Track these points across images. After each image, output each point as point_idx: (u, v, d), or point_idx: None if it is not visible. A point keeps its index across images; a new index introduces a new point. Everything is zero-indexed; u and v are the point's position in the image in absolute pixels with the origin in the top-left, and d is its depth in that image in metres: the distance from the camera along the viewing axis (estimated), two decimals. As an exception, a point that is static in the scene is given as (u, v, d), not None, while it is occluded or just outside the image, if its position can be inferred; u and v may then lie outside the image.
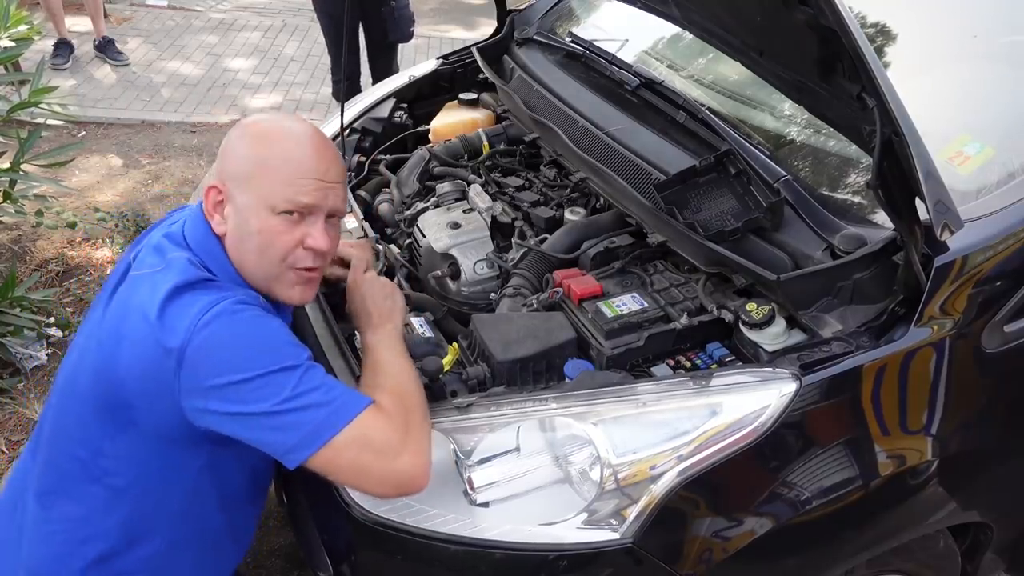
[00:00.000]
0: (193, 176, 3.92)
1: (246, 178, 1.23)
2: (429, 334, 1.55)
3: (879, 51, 1.74)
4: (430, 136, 2.34)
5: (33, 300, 2.65)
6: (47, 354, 2.70)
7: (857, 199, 1.51)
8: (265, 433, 1.14)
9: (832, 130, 1.55)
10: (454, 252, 1.79)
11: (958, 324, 1.34)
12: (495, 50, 2.39)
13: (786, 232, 1.47)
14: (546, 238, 1.78)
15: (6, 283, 2.50)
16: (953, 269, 1.30)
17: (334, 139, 2.17)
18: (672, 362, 1.45)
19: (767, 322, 1.38)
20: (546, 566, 1.24)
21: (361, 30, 3.62)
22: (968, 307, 1.34)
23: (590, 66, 2.09)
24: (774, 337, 1.38)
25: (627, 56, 2.08)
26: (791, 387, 1.25)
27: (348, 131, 2.19)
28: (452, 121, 2.33)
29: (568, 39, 2.23)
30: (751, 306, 1.41)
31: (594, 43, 2.11)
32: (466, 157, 2.18)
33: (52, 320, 2.79)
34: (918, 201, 1.19)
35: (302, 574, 2.05)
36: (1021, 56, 1.70)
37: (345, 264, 1.53)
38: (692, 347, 1.49)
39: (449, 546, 1.25)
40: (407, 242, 1.95)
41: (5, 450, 2.38)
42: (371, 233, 1.87)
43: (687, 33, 1.94)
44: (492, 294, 1.75)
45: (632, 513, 1.23)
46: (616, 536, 1.23)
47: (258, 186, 1.22)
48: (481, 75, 2.41)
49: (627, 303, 1.51)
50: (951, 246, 1.29)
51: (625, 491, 1.23)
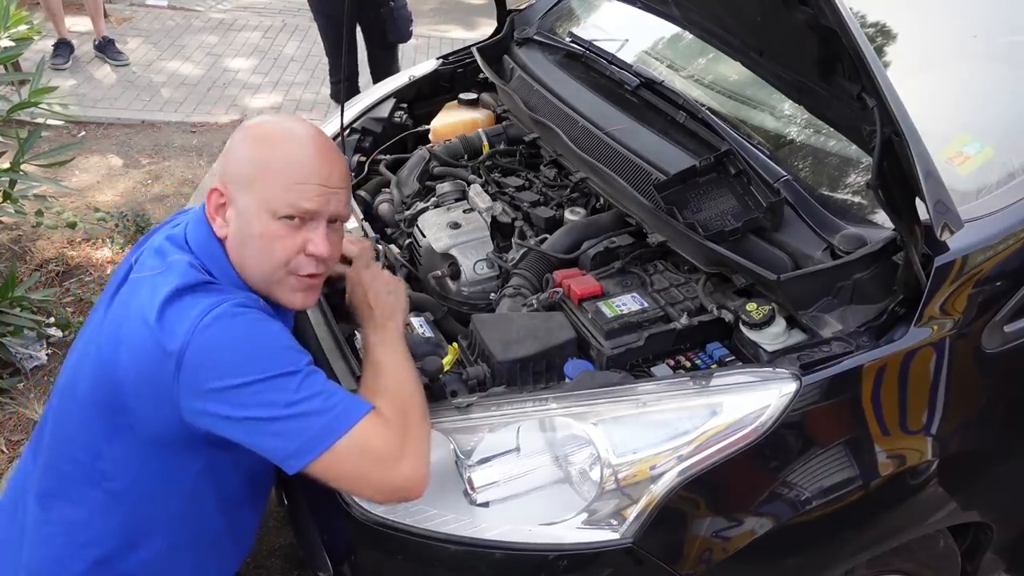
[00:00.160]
0: (193, 176, 3.92)
1: (248, 181, 1.22)
2: (429, 334, 1.55)
3: (879, 51, 1.74)
4: (430, 136, 2.34)
5: (33, 300, 2.65)
6: (47, 354, 2.70)
7: (857, 199, 1.51)
8: (264, 438, 1.14)
9: (832, 130, 1.55)
10: (454, 252, 1.79)
11: (958, 324, 1.34)
12: (495, 50, 2.39)
13: (786, 232, 1.47)
14: (546, 238, 1.78)
15: (6, 283, 2.50)
16: (953, 269, 1.30)
17: (334, 139, 2.17)
18: (672, 362, 1.45)
19: (767, 322, 1.38)
20: (546, 566, 1.24)
21: (360, 31, 3.62)
22: (968, 307, 1.34)
23: (590, 66, 2.09)
24: (774, 337, 1.38)
25: (627, 56, 2.08)
26: (791, 387, 1.25)
27: (348, 131, 2.19)
28: (452, 121, 2.32)
29: (568, 39, 2.23)
30: (751, 306, 1.41)
31: (594, 43, 2.11)
32: (466, 157, 2.18)
33: (52, 320, 2.79)
34: (918, 201, 1.19)
35: (302, 574, 2.04)
36: (1021, 56, 1.70)
37: (347, 261, 1.50)
38: (692, 347, 1.49)
39: (449, 546, 1.25)
40: (407, 242, 1.95)
41: (5, 450, 2.37)
42: (371, 233, 1.87)
43: (687, 33, 1.94)
44: (492, 294, 1.75)
45: (632, 513, 1.23)
46: (616, 536, 1.23)
47: (260, 189, 1.21)
48: (481, 75, 2.41)
49: (627, 303, 1.51)
50: (951, 246, 1.29)
51: (625, 491, 1.23)
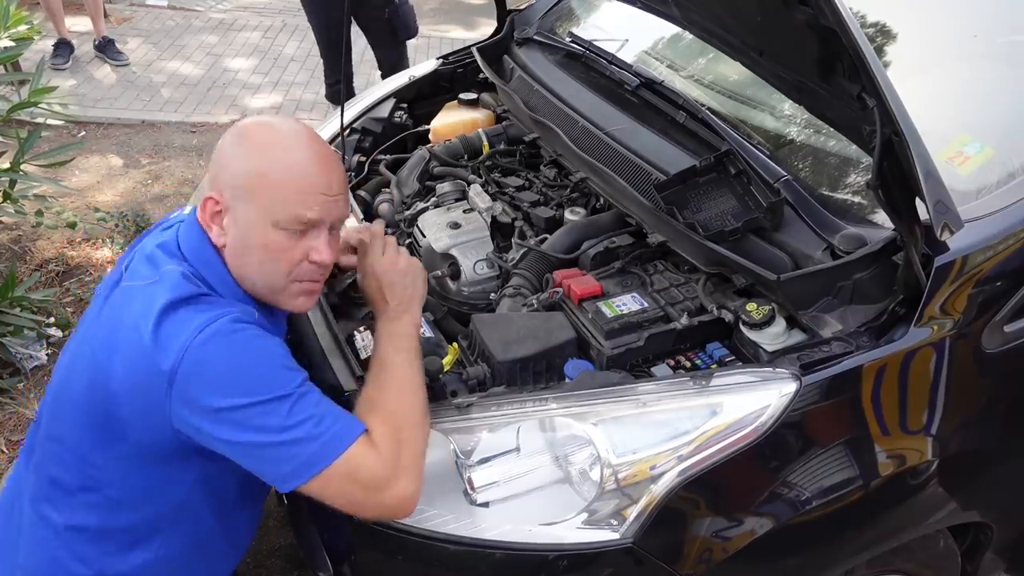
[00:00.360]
0: (193, 176, 3.92)
1: (247, 191, 1.18)
2: (429, 334, 1.55)
3: (879, 51, 1.74)
4: (430, 136, 2.33)
5: (33, 300, 2.65)
6: (47, 354, 2.70)
7: (857, 199, 1.51)
8: (254, 461, 1.14)
9: (832, 130, 1.55)
10: (454, 252, 1.79)
11: (958, 324, 1.34)
12: (495, 50, 2.39)
13: (786, 232, 1.47)
14: (546, 238, 1.78)
15: (6, 283, 2.50)
16: (953, 269, 1.30)
17: (333, 139, 2.18)
18: (672, 362, 1.45)
19: (767, 322, 1.38)
20: (546, 566, 1.24)
21: (360, 32, 3.63)
22: (968, 307, 1.34)
23: (590, 66, 2.09)
24: (774, 337, 1.38)
25: (627, 56, 2.08)
26: (791, 387, 1.25)
27: (348, 131, 2.19)
28: (452, 121, 2.32)
29: (568, 39, 2.23)
30: (751, 306, 1.41)
31: (594, 43, 2.11)
32: (466, 157, 2.18)
33: (52, 320, 2.79)
34: (918, 201, 1.19)
35: (302, 574, 2.04)
36: (1021, 56, 1.70)
37: (354, 250, 1.45)
38: (692, 347, 1.49)
39: (449, 546, 1.25)
40: (407, 242, 1.95)
41: (5, 450, 2.38)
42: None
43: (687, 33, 1.94)
44: (492, 294, 1.75)
45: (632, 513, 1.23)
46: (616, 536, 1.23)
47: (260, 200, 1.18)
48: (481, 75, 2.41)
49: (627, 303, 1.51)
50: (951, 246, 1.29)
51: (625, 491, 1.23)
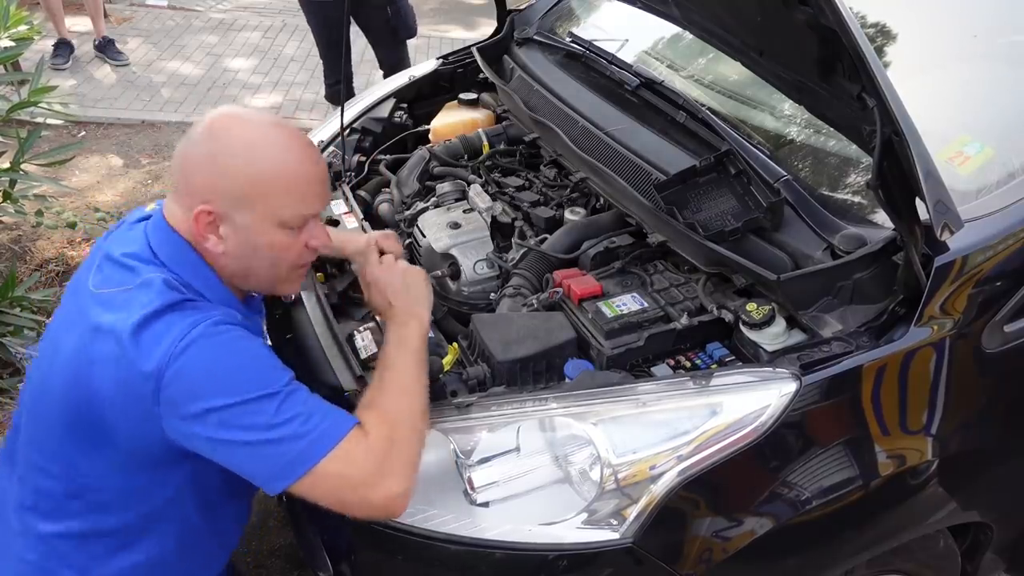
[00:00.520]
0: (193, 176, 3.92)
1: (242, 198, 1.18)
2: (429, 334, 1.55)
3: (879, 51, 1.74)
4: (430, 136, 2.34)
5: (33, 300, 2.65)
6: (47, 354, 2.70)
7: (857, 199, 1.51)
8: (243, 461, 1.13)
9: (832, 130, 1.55)
10: (454, 252, 1.79)
11: (958, 324, 1.34)
12: (495, 50, 2.39)
13: (786, 232, 1.47)
14: (546, 238, 1.78)
15: (6, 283, 2.49)
16: (953, 269, 1.30)
17: (333, 139, 2.18)
18: (672, 362, 1.45)
19: (767, 322, 1.38)
20: (546, 566, 1.24)
21: (360, 32, 3.63)
22: (968, 307, 1.34)
23: (590, 66, 2.09)
24: (774, 337, 1.38)
25: (627, 56, 2.08)
26: (791, 387, 1.25)
27: (348, 131, 2.19)
28: (452, 121, 2.32)
29: (568, 39, 2.23)
30: (751, 306, 1.41)
31: (594, 43, 2.11)
32: (466, 157, 2.18)
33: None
34: (918, 201, 1.19)
35: (302, 574, 2.04)
36: (1021, 56, 1.70)
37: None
38: (692, 347, 1.49)
39: (449, 546, 1.25)
40: (407, 242, 1.95)
41: (5, 450, 2.37)
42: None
43: (687, 33, 1.94)
44: (492, 294, 1.75)
45: (632, 513, 1.23)
46: (616, 536, 1.23)
47: (261, 206, 1.19)
48: (481, 75, 2.41)
49: (627, 303, 1.51)
50: (951, 246, 1.28)
51: (625, 491, 1.23)
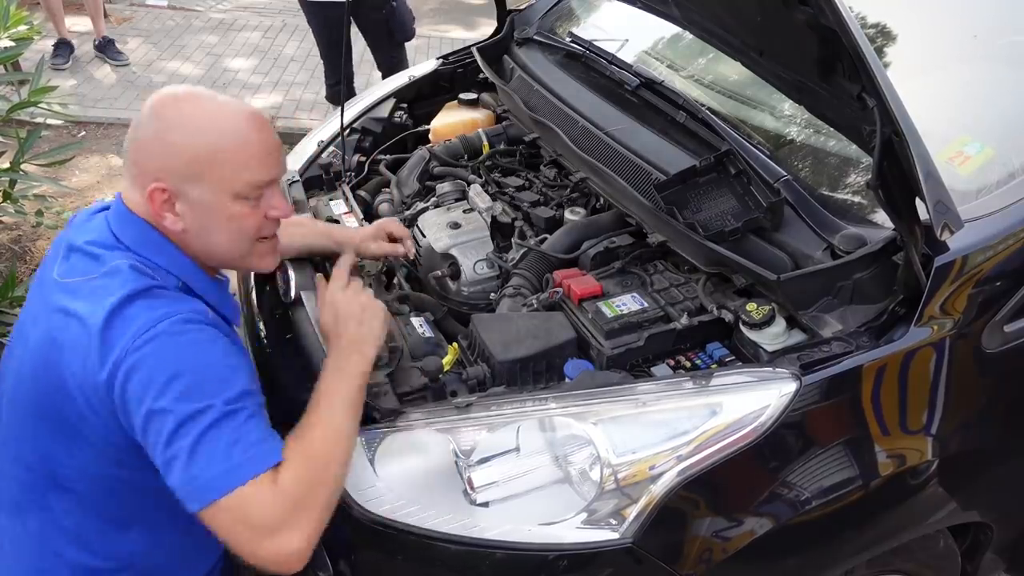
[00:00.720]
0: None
1: (194, 173, 1.17)
2: (429, 334, 1.55)
3: (879, 51, 1.74)
4: (430, 136, 2.34)
5: (33, 300, 2.65)
6: (47, 354, 2.69)
7: (857, 199, 1.51)
8: (163, 472, 1.11)
9: (832, 130, 1.55)
10: (454, 252, 1.79)
11: (958, 324, 1.34)
12: (495, 50, 2.39)
13: (786, 232, 1.47)
14: (546, 238, 1.78)
15: (6, 283, 2.49)
16: (953, 269, 1.30)
17: (333, 139, 2.18)
18: (672, 362, 1.45)
19: (767, 322, 1.38)
20: (546, 566, 1.24)
21: (360, 33, 3.64)
22: (968, 307, 1.34)
23: (590, 66, 2.09)
24: (774, 337, 1.38)
25: (627, 56, 2.08)
26: (791, 387, 1.25)
27: (348, 131, 2.19)
28: (452, 121, 2.33)
29: (568, 39, 2.23)
30: (751, 306, 1.41)
31: (594, 43, 2.11)
32: (466, 157, 2.18)
33: (52, 320, 2.78)
34: (918, 201, 1.19)
35: (302, 574, 2.04)
36: (1021, 56, 1.70)
37: (394, 240, 1.70)
38: (692, 347, 1.49)
39: (449, 546, 1.24)
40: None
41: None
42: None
43: (687, 33, 1.94)
44: (492, 294, 1.75)
45: (632, 513, 1.23)
46: (616, 536, 1.23)
47: (211, 178, 1.18)
48: (481, 75, 2.41)
49: (627, 303, 1.51)
50: (951, 246, 1.29)
51: (625, 491, 1.23)
